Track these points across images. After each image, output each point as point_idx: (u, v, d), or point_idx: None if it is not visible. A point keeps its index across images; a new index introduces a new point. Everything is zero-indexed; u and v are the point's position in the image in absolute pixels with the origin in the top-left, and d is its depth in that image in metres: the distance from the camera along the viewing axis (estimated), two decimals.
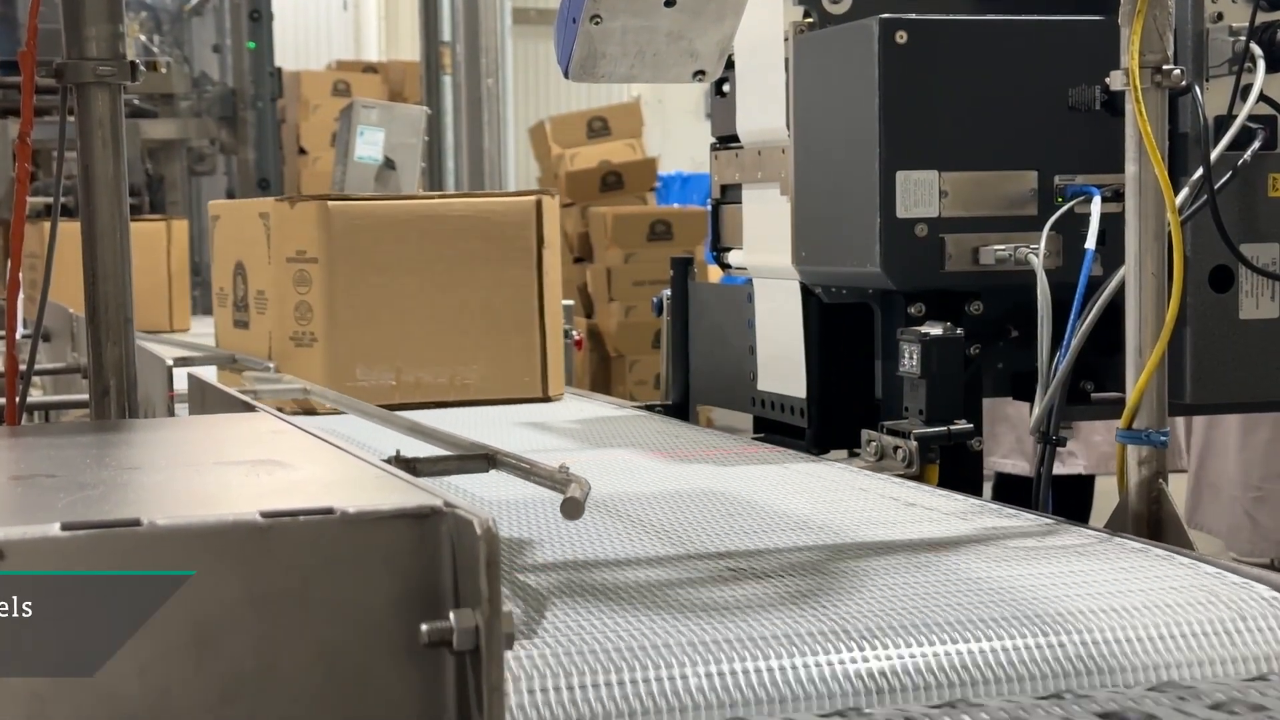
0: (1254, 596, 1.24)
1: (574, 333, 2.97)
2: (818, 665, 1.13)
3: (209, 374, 1.62)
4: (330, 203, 2.55)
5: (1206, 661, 1.18)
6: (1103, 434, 3.60)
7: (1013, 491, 3.54)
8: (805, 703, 1.11)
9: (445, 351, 2.59)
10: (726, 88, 2.29)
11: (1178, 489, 4.31)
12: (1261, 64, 1.75)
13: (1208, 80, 1.80)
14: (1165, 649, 1.18)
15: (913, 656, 1.14)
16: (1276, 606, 1.21)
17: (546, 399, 2.63)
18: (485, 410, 2.57)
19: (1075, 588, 1.27)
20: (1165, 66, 1.55)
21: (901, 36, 1.87)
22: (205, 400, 1.52)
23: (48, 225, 1.53)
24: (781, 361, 2.21)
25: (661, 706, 1.09)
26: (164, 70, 5.86)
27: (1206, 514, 3.85)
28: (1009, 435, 3.77)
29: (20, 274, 1.48)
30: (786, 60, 2.08)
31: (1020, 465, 3.74)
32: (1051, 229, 1.84)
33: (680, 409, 2.59)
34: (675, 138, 10.71)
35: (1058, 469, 3.76)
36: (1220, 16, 1.79)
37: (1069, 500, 3.73)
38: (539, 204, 2.65)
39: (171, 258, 4.64)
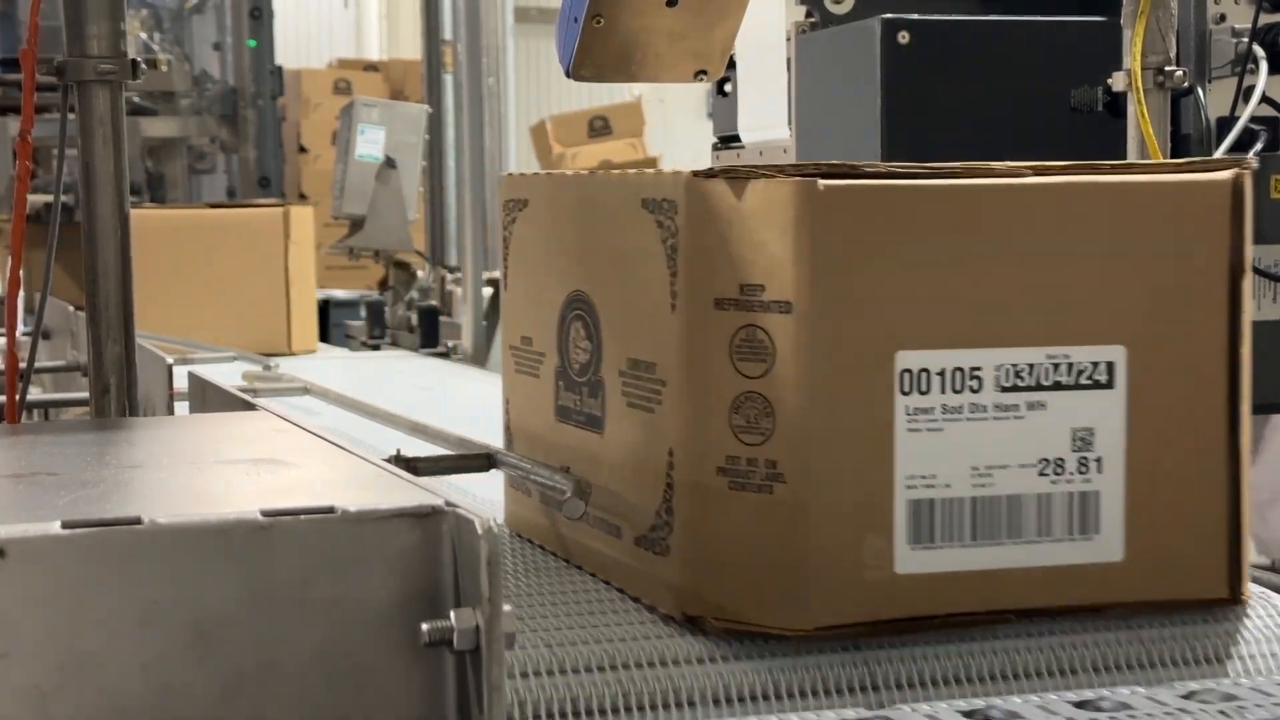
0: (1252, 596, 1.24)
1: None
2: (819, 665, 1.13)
3: (215, 373, 1.62)
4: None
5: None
6: None
7: None
8: (802, 702, 1.11)
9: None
10: (728, 87, 2.29)
11: None
12: (1264, 65, 1.75)
13: (1210, 81, 1.80)
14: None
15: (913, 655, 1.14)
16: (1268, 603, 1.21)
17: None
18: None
19: None
20: (1168, 68, 1.55)
21: (904, 37, 1.87)
22: (205, 398, 1.52)
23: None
24: None
25: (659, 705, 1.09)
26: (165, 68, 5.87)
27: None
28: None
29: (20, 271, 1.48)
30: (788, 60, 2.08)
31: None
32: None
33: None
34: (677, 137, 10.71)
35: None
36: (1223, 18, 1.80)
37: None
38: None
39: (290, 257, 3.75)
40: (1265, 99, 1.76)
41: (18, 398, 1.46)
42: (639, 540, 1.17)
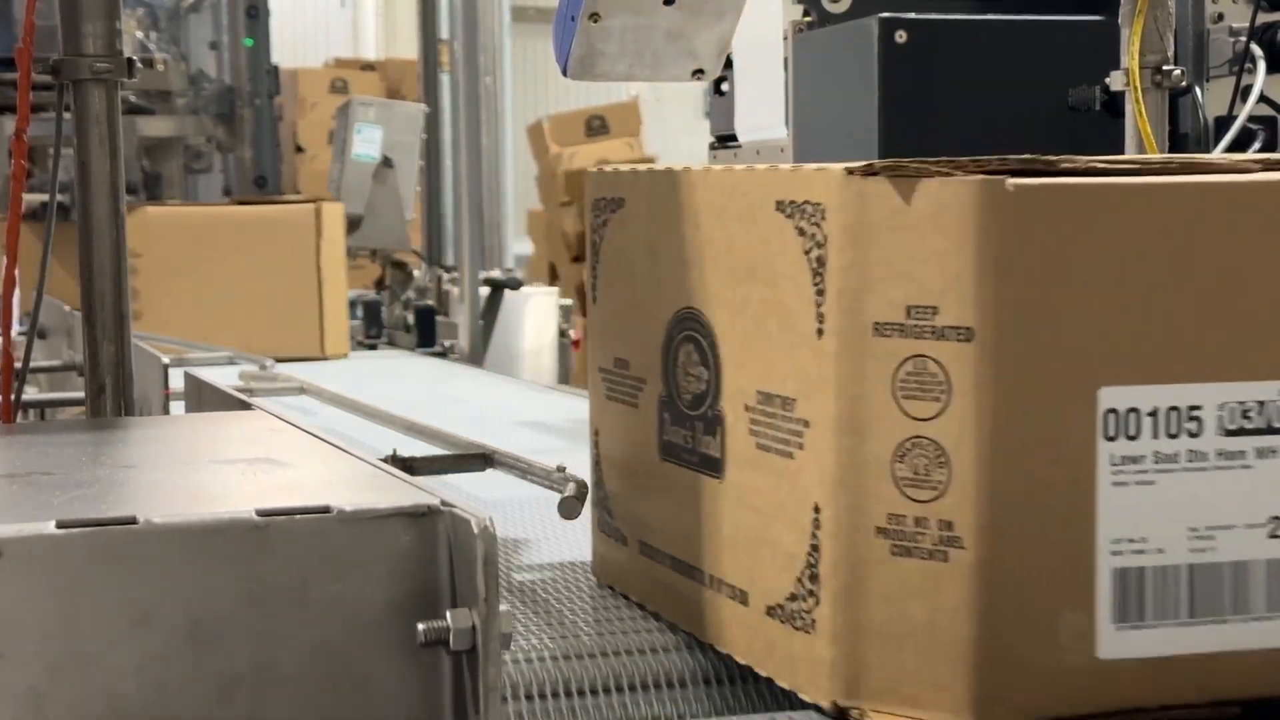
0: None
1: (571, 332, 2.99)
2: None
3: (211, 373, 1.61)
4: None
5: None
6: None
7: None
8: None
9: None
10: (725, 87, 2.29)
11: None
12: (1262, 65, 1.75)
13: (1208, 81, 1.80)
14: None
15: None
16: None
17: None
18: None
19: None
20: (1165, 67, 1.55)
21: (901, 36, 1.87)
22: (201, 398, 1.52)
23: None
24: None
25: (656, 706, 1.09)
26: (161, 67, 5.85)
27: None
28: None
29: (15, 271, 1.48)
30: (785, 59, 2.08)
31: None
32: None
33: None
34: (674, 137, 10.71)
35: None
36: (1221, 17, 1.79)
37: None
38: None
39: (323, 256, 3.62)
40: (1263, 98, 1.76)
41: (13, 397, 1.46)
42: (772, 610, 1.01)
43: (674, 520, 1.14)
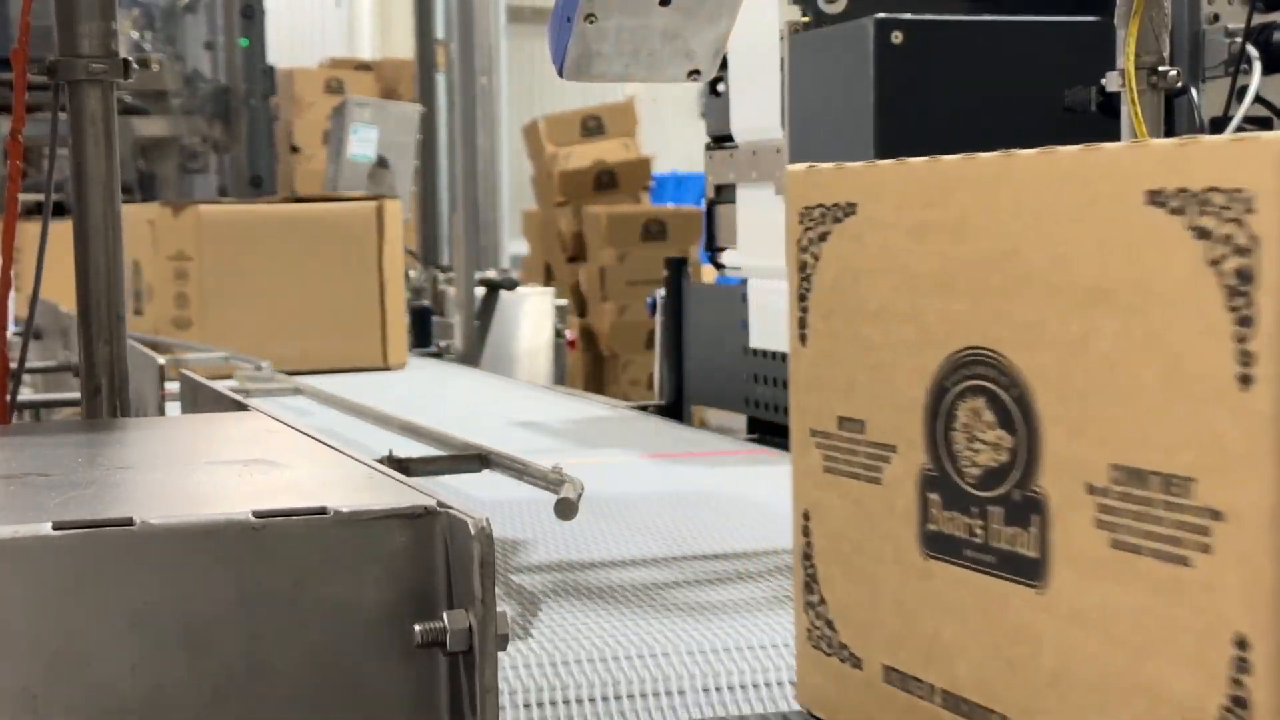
0: None
1: (567, 332, 3.00)
2: None
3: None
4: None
5: None
6: None
7: None
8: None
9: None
10: (721, 87, 2.29)
11: None
12: (1258, 65, 1.75)
13: (1204, 81, 1.80)
14: None
15: None
16: None
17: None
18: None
19: None
20: (1161, 68, 1.55)
21: (897, 36, 1.87)
22: (197, 399, 1.52)
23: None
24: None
25: (653, 708, 1.09)
26: (156, 67, 5.85)
27: None
28: None
29: (11, 271, 1.48)
30: (782, 60, 2.08)
31: None
32: None
33: (674, 409, 2.59)
34: (670, 137, 10.72)
35: None
36: (1216, 18, 1.80)
37: None
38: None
39: (385, 258, 3.33)
40: (1259, 99, 1.76)
41: (8, 398, 1.46)
42: None
43: (951, 642, 0.85)
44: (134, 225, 3.11)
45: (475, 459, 1.55)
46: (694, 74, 1.64)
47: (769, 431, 2.23)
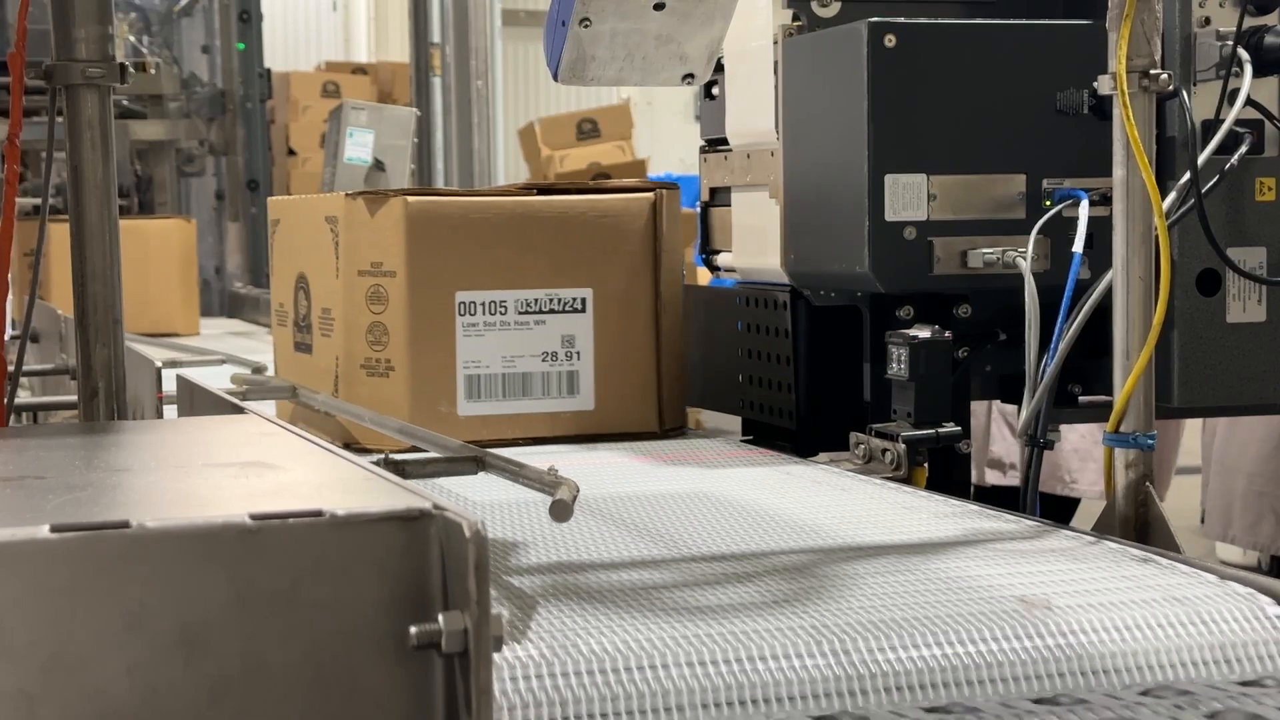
0: (1229, 593, 1.24)
1: None
2: (807, 668, 1.13)
3: (203, 376, 1.62)
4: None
5: (1193, 664, 1.18)
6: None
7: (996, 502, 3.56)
8: (796, 704, 1.11)
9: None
10: (716, 90, 2.29)
11: (1192, 485, 4.35)
12: (1249, 68, 1.75)
13: (1195, 84, 1.80)
14: (1152, 650, 1.18)
15: (905, 659, 1.14)
16: (1255, 604, 1.22)
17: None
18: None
19: (1065, 589, 1.27)
20: (1153, 71, 1.56)
21: (890, 40, 1.87)
22: (194, 402, 1.52)
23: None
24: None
25: (648, 709, 1.09)
26: (153, 71, 5.85)
27: (1223, 506, 3.84)
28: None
29: (9, 275, 1.48)
30: (775, 63, 2.08)
31: (994, 476, 3.78)
32: (1039, 232, 1.85)
33: None
34: (664, 140, 10.72)
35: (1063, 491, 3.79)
36: (1208, 21, 1.80)
37: (1054, 516, 3.74)
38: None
39: (662, 267, 2.10)
40: (1250, 102, 1.77)
41: (5, 400, 1.46)
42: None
43: None
44: (302, 225, 2.18)
45: (470, 461, 1.55)
46: (688, 78, 1.64)
47: (764, 433, 2.24)
